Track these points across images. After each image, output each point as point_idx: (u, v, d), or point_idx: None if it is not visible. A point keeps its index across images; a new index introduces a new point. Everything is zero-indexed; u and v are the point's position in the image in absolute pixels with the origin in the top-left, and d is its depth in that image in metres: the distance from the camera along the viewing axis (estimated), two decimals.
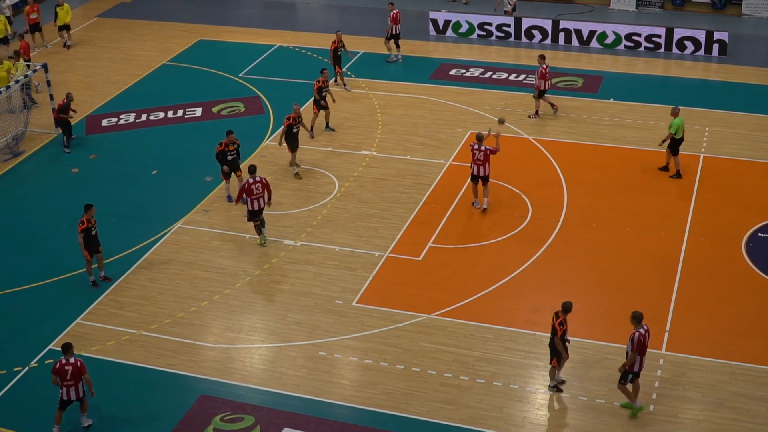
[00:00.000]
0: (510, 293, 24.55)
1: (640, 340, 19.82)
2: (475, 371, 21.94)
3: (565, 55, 39.21)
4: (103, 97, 36.93)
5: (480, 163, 27.43)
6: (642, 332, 19.88)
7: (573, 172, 29.96)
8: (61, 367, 20.19)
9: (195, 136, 33.57)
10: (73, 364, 20.18)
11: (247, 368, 22.47)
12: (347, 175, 30.27)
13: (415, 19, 43.05)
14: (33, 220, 29.13)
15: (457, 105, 34.74)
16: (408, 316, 23.89)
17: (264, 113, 34.97)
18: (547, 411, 20.77)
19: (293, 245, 26.93)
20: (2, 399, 21.87)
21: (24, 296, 25.49)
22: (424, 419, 20.70)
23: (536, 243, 26.52)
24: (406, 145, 32.05)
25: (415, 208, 28.36)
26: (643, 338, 19.87)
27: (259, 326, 23.88)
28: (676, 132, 28.84)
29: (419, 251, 26.43)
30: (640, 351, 19.90)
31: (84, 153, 32.74)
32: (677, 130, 28.83)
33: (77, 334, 23.80)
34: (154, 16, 45.57)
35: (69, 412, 20.76)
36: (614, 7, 43.79)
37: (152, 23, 44.79)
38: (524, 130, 32.52)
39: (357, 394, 21.48)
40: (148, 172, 31.24)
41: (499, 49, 40.03)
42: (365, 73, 37.79)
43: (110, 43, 42.61)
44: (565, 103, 34.44)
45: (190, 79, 38.42)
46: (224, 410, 21.12)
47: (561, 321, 20.43)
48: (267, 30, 42.87)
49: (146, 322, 24.15)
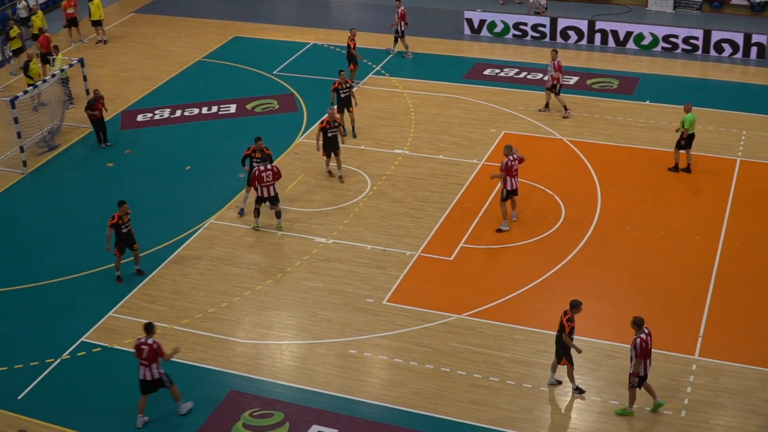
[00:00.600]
0: (542, 295, 24.44)
1: (642, 345, 19.69)
2: (505, 372, 21.86)
3: (600, 56, 39.00)
4: (138, 93, 37.13)
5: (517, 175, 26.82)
6: (643, 337, 19.73)
7: (607, 174, 29.78)
8: (139, 345, 20.35)
9: (229, 132, 33.67)
10: (150, 345, 20.25)
11: (277, 364, 22.50)
12: (380, 174, 30.25)
13: (449, 18, 42.98)
14: (67, 213, 29.32)
15: (491, 105, 34.63)
16: (438, 315, 23.83)
17: (298, 110, 35.02)
18: (578, 414, 20.65)
19: (325, 243, 26.94)
20: (34, 390, 22.02)
21: (58, 289, 25.66)
22: (453, 419, 20.63)
23: (569, 245, 26.38)
24: (439, 144, 31.99)
25: (447, 208, 28.29)
26: (645, 343, 19.73)
27: (289, 323, 23.91)
28: (689, 127, 29.01)
29: (451, 251, 26.37)
30: (644, 355, 19.79)
31: (119, 148, 32.91)
32: (690, 125, 28.97)
33: (109, 327, 23.93)
34: (190, 13, 45.76)
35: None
36: (651, 8, 43.51)
37: (187, 20, 44.98)
38: (559, 132, 32.37)
39: (386, 393, 21.45)
40: (182, 167, 31.37)
41: (534, 50, 39.86)
42: (399, 72, 37.76)
43: (146, 39, 42.84)
44: (600, 105, 34.27)
45: (224, 75, 38.55)
46: (254, 406, 21.16)
47: (569, 318, 20.32)
48: (302, 27, 42.93)
49: (178, 316, 24.24)
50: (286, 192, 29.33)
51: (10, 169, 31.76)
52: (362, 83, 36.77)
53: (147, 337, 20.34)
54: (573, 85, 35.65)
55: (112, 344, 23.29)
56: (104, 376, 22.39)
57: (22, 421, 21.00)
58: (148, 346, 20.23)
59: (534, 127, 32.79)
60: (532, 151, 31.16)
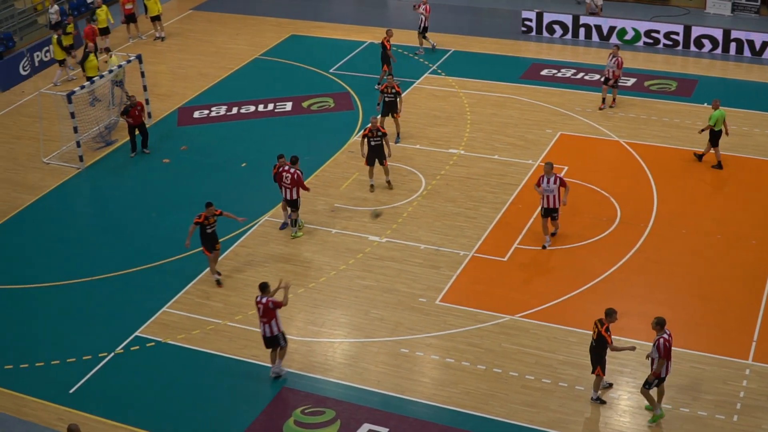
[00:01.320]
0: (596, 297, 24.26)
1: (665, 345, 19.50)
2: (558, 374, 21.73)
3: (661, 58, 38.60)
4: (194, 90, 37.41)
5: (552, 194, 25.85)
6: (666, 337, 19.54)
7: (663, 177, 29.49)
8: (257, 303, 21.43)
9: (284, 130, 33.80)
10: (264, 303, 21.21)
11: (329, 362, 22.55)
12: (434, 173, 30.20)
13: (506, 18, 42.83)
14: (122, 208, 29.62)
15: (548, 105, 34.44)
16: (491, 316, 23.75)
17: (353, 109, 35.07)
18: (630, 418, 20.47)
19: (378, 241, 26.95)
20: (86, 384, 22.25)
21: (113, 283, 25.92)
22: (504, 420, 20.55)
23: (624, 247, 26.16)
24: (495, 144, 31.87)
25: (502, 209, 28.18)
26: (668, 343, 19.55)
27: (342, 321, 23.95)
28: (715, 124, 29.13)
29: (504, 252, 26.26)
30: (667, 356, 19.60)
31: (175, 144, 33.19)
32: (716, 122, 29.13)
33: (164, 321, 24.13)
34: (247, 11, 46.03)
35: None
36: (710, 10, 43.01)
37: (245, 17, 45.25)
38: (616, 133, 32.12)
39: (437, 393, 21.41)
40: (238, 164, 31.55)
41: (591, 50, 39.56)
42: (455, 72, 37.68)
43: (203, 36, 43.16)
44: (658, 107, 33.96)
45: (281, 73, 38.72)
46: (305, 403, 21.23)
47: (606, 327, 20.11)
48: (358, 26, 42.98)
49: (231, 312, 24.38)
50: (341, 190, 29.41)
51: (67, 164, 32.15)
52: (418, 82, 36.74)
53: (262, 296, 21.31)
54: (630, 87, 35.36)
55: (166, 339, 23.48)
56: (157, 371, 22.58)
57: (73, 414, 21.23)
58: (263, 305, 21.27)
59: (590, 128, 32.56)
60: (589, 152, 31.01)
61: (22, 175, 31.79)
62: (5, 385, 22.29)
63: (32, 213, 29.56)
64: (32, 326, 24.42)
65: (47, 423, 21.10)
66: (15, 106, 37.09)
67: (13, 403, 21.76)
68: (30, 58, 39.57)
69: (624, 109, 33.63)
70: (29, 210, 29.70)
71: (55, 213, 29.55)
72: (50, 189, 30.79)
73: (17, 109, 36.84)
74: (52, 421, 21.12)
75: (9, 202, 30.07)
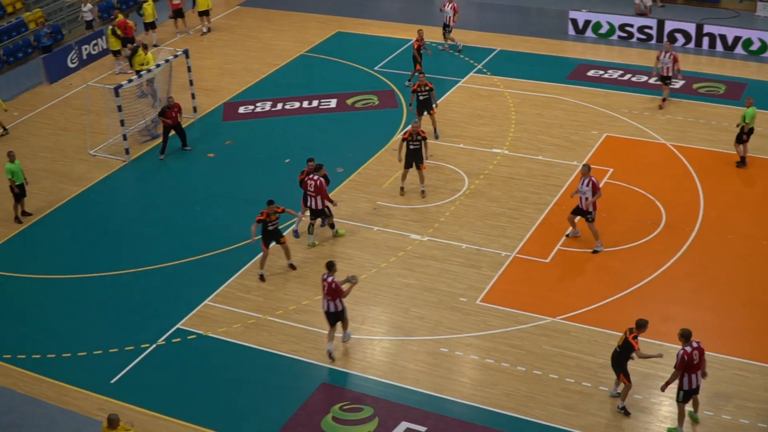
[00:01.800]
0: (638, 301, 24.03)
1: (683, 357, 19.21)
2: (599, 378, 21.55)
3: (708, 60, 38.23)
4: (240, 85, 37.55)
5: (585, 196, 25.77)
6: (687, 350, 19.25)
7: (710, 181, 29.18)
8: (323, 281, 22.15)
9: (329, 126, 33.83)
10: (330, 283, 21.92)
11: (368, 359, 22.53)
12: (477, 173, 30.09)
13: (553, 18, 42.59)
14: (167, 201, 29.79)
15: (593, 107, 34.19)
16: (532, 318, 23.62)
17: (398, 107, 35.03)
18: (671, 424, 20.25)
19: (420, 240, 26.89)
20: (128, 375, 22.42)
21: (156, 275, 26.08)
22: (543, 423, 20.42)
23: (668, 251, 25.91)
24: (539, 145, 31.70)
25: (545, 209, 28.02)
26: (688, 356, 19.24)
27: (382, 318, 23.92)
28: (749, 121, 29.32)
29: (547, 253, 26.11)
30: (684, 368, 19.32)
31: (220, 139, 33.33)
32: (751, 120, 29.28)
33: (205, 315, 24.24)
34: (294, 7, 46.14)
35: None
36: (760, 13, 42.48)
37: (291, 14, 45.36)
38: (663, 136, 31.83)
39: (476, 393, 21.33)
40: (281, 160, 31.61)
41: (639, 52, 39.22)
42: (500, 71, 37.51)
43: (250, 31, 43.31)
44: (706, 110, 33.60)
45: (326, 70, 38.76)
46: (344, 399, 21.23)
47: (635, 336, 19.89)
48: (404, 24, 42.91)
49: (272, 307, 24.44)
50: (383, 188, 29.39)
51: (113, 156, 32.39)
52: (463, 81, 36.63)
53: (328, 275, 22.01)
54: (679, 89, 34.99)
55: (207, 332, 23.58)
56: (198, 363, 22.70)
57: (113, 404, 21.39)
58: (328, 284, 21.95)
59: (637, 130, 32.29)
60: (634, 154, 30.74)
61: (69, 166, 32.08)
62: (48, 374, 22.53)
63: (78, 204, 29.82)
64: (76, 316, 24.64)
65: (88, 412, 21.28)
66: (63, 98, 37.45)
67: (54, 392, 21.98)
68: (78, 51, 39.92)
69: (671, 112, 33.33)
70: (75, 201, 29.97)
71: (100, 205, 29.79)
72: (96, 181, 31.04)
73: (65, 101, 37.19)
74: (93, 411, 21.29)
75: (55, 193, 30.35)
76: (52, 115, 36.03)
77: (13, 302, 25.43)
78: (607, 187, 28.63)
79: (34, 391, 22.08)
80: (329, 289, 21.96)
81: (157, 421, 20.95)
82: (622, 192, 28.34)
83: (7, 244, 28.00)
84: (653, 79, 34.90)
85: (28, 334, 24.08)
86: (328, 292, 22.01)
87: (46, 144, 33.79)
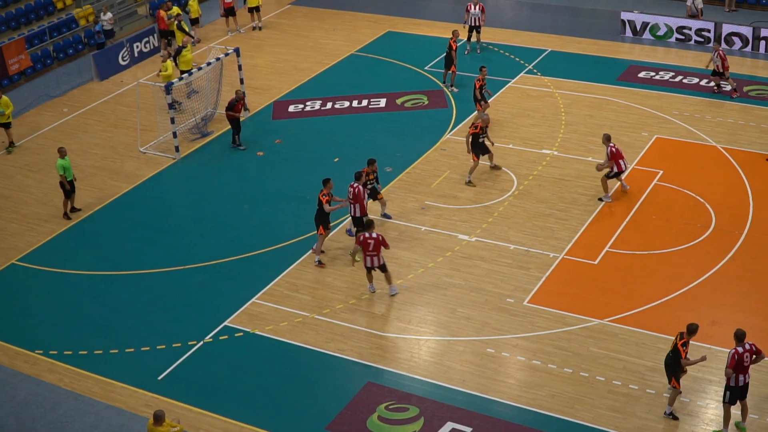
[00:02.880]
0: (687, 304, 23.83)
1: (734, 357, 19.22)
2: (646, 381, 21.40)
3: (764, 64, 37.73)
4: (290, 84, 37.70)
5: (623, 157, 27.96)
6: (739, 350, 19.24)
7: (761, 184, 28.85)
8: (364, 240, 23.79)
9: (378, 126, 33.88)
10: (375, 238, 23.79)
11: (414, 359, 22.54)
12: (526, 174, 29.98)
13: (606, 19, 42.32)
14: (216, 199, 29.96)
15: (644, 108, 33.93)
16: (579, 319, 23.50)
17: (447, 107, 34.99)
18: (717, 427, 20.07)
19: (468, 240, 26.85)
20: (174, 371, 22.59)
21: (204, 273, 26.26)
22: (589, 425, 20.32)
23: (718, 254, 25.67)
24: (589, 146, 31.51)
25: (594, 211, 27.85)
26: (739, 356, 19.24)
27: (428, 318, 23.92)
28: None
29: (595, 255, 25.96)
30: (735, 368, 19.26)
31: (269, 137, 33.49)
32: None
33: (252, 312, 24.37)
34: (345, 6, 46.23)
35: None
36: None
37: (342, 13, 45.46)
38: (713, 138, 31.52)
39: (522, 394, 21.27)
40: (330, 159, 31.70)
41: (692, 53, 38.82)
42: (551, 72, 37.35)
43: (300, 30, 43.46)
44: (757, 113, 33.22)
45: (376, 69, 38.81)
46: (389, 399, 21.25)
47: (684, 342, 19.78)
48: (455, 24, 42.75)
49: (319, 306, 24.52)
50: (431, 188, 29.38)
51: (163, 154, 32.66)
52: (513, 81, 36.52)
53: (371, 232, 23.78)
54: (729, 92, 34.62)
55: (254, 330, 23.71)
56: (245, 361, 22.82)
57: (160, 401, 21.56)
58: (374, 240, 23.76)
59: (688, 132, 32.00)
60: (685, 157, 30.47)
61: (119, 163, 32.40)
62: (95, 370, 22.75)
63: (128, 201, 30.11)
64: (124, 313, 24.86)
65: (134, 409, 21.46)
66: (113, 95, 37.84)
67: (101, 388, 22.19)
68: (129, 49, 40.29)
69: (722, 114, 32.99)
70: (125, 198, 30.26)
71: (150, 202, 30.05)
72: (146, 178, 31.32)
73: (116, 99, 37.57)
74: (139, 407, 21.47)
75: (105, 190, 30.67)
76: (103, 112, 36.42)
77: (60, 298, 25.70)
78: (657, 189, 28.45)
79: (81, 387, 22.31)
80: (376, 243, 23.74)
81: (203, 418, 21.10)
82: (672, 194, 28.11)
83: (55, 240, 28.33)
84: (705, 81, 34.65)
85: (75, 331, 24.32)
86: (374, 247, 23.75)
87: (97, 141, 34.16)
